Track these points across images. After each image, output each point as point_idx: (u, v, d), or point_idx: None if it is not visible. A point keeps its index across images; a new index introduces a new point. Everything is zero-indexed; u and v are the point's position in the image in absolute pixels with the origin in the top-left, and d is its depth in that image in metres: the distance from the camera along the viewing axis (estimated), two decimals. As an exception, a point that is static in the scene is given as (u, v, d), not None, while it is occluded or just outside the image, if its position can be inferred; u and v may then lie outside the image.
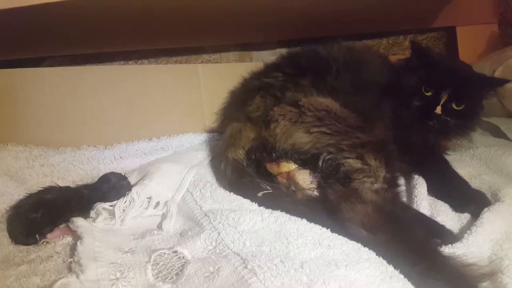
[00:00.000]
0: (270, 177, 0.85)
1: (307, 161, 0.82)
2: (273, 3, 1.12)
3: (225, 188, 0.86)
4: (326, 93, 0.88)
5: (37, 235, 0.75)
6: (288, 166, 0.84)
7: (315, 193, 0.80)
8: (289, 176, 0.83)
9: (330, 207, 0.74)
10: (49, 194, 0.82)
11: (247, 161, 0.87)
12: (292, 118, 0.84)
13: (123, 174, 0.91)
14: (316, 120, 0.83)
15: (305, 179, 0.82)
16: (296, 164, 0.83)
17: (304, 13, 1.22)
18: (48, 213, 0.78)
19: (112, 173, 0.89)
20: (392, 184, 0.79)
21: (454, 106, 0.93)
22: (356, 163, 0.78)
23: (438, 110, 0.92)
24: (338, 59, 1.00)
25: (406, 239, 0.66)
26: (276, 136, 0.84)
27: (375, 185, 0.76)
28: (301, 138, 0.82)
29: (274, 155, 0.85)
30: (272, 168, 0.85)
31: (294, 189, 0.82)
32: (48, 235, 0.76)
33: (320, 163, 0.80)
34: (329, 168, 0.80)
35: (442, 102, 0.92)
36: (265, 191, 0.81)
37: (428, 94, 0.93)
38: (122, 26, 1.08)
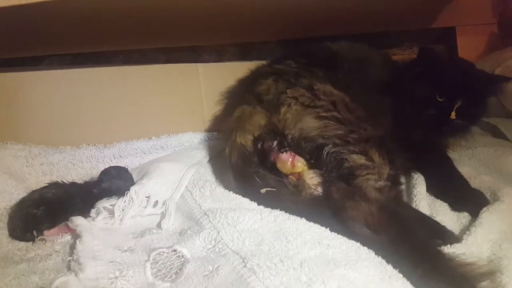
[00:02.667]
0: (275, 169, 0.83)
1: (312, 152, 0.81)
2: (273, 3, 1.12)
3: (228, 175, 0.85)
4: (338, 87, 0.87)
5: (34, 232, 0.75)
6: (302, 167, 0.82)
7: (320, 192, 0.79)
8: (300, 175, 0.82)
9: (334, 205, 0.73)
10: (52, 191, 0.82)
11: (254, 149, 0.84)
12: (305, 102, 0.83)
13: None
14: (330, 104, 0.82)
15: (313, 179, 0.81)
16: (305, 159, 0.82)
17: (304, 13, 1.22)
18: (49, 210, 0.78)
19: (114, 167, 0.90)
20: (395, 181, 0.79)
21: (467, 109, 0.91)
22: (360, 159, 0.78)
23: (453, 115, 0.91)
24: (347, 56, 0.99)
25: (409, 239, 0.66)
26: (286, 120, 0.82)
27: (379, 183, 0.76)
28: (310, 123, 0.81)
29: (284, 144, 0.82)
30: (285, 167, 0.82)
31: (301, 188, 0.80)
32: (45, 232, 0.77)
33: (324, 155, 0.79)
34: (333, 162, 0.79)
35: (456, 107, 0.91)
36: (269, 189, 0.79)
37: (441, 100, 0.92)
38: (122, 25, 1.08)
